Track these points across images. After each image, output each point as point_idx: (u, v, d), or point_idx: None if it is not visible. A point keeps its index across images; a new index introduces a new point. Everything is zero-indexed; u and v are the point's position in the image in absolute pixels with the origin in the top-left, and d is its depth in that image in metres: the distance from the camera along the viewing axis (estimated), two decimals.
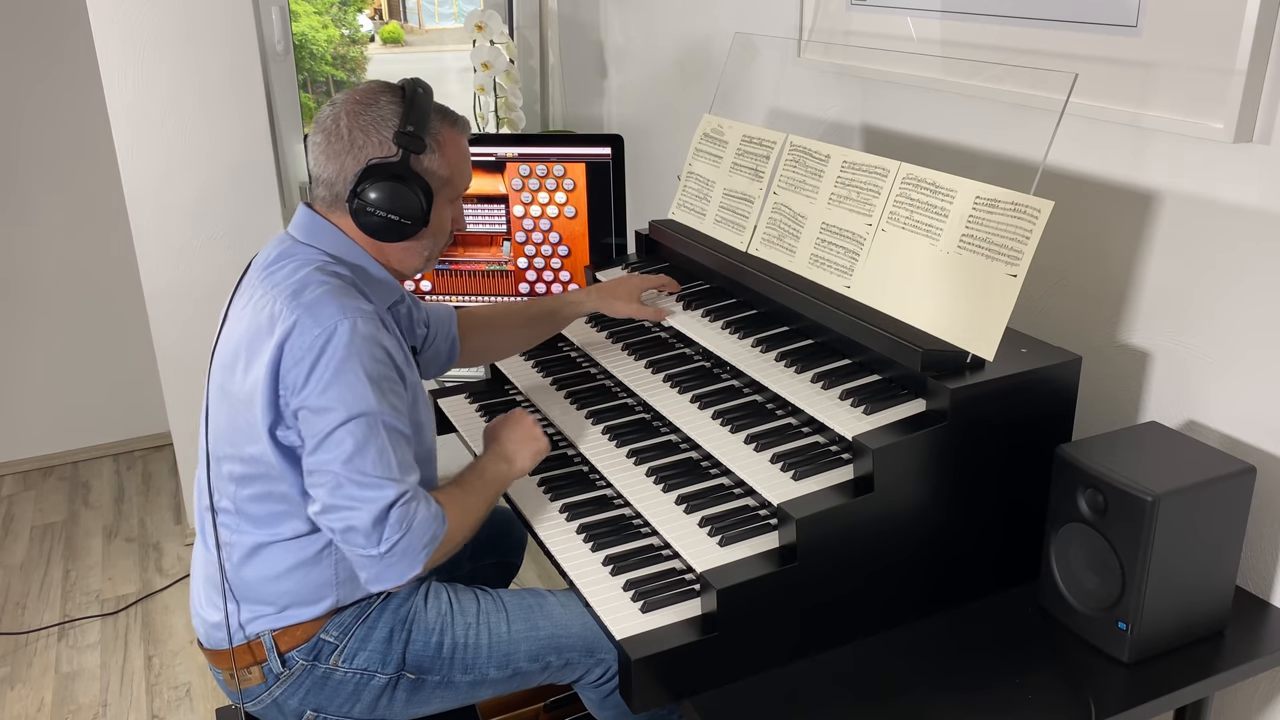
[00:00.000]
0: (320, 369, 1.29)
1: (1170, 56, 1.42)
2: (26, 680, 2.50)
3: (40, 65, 3.17)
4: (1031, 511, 1.44)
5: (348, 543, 1.32)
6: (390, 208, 1.38)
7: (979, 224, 1.39)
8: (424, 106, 1.40)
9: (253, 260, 1.47)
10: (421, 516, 1.32)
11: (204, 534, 1.48)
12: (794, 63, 2.24)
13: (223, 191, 2.78)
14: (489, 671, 1.48)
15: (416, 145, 1.39)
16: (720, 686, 1.30)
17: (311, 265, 1.37)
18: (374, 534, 1.30)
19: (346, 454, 1.29)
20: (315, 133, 1.41)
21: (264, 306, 1.35)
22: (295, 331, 1.30)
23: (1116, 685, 1.29)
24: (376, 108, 1.39)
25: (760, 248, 1.76)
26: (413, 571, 1.33)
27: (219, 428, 1.41)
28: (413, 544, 1.32)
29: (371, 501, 1.29)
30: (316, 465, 1.31)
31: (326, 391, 1.29)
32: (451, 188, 1.46)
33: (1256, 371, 1.40)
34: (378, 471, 1.30)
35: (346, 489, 1.30)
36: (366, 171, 1.38)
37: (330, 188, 1.41)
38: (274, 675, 1.43)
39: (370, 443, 1.30)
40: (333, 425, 1.29)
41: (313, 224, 1.44)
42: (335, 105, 1.41)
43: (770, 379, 1.52)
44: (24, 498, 3.35)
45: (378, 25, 3.36)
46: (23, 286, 3.35)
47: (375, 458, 1.30)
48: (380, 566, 1.32)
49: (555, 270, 2.43)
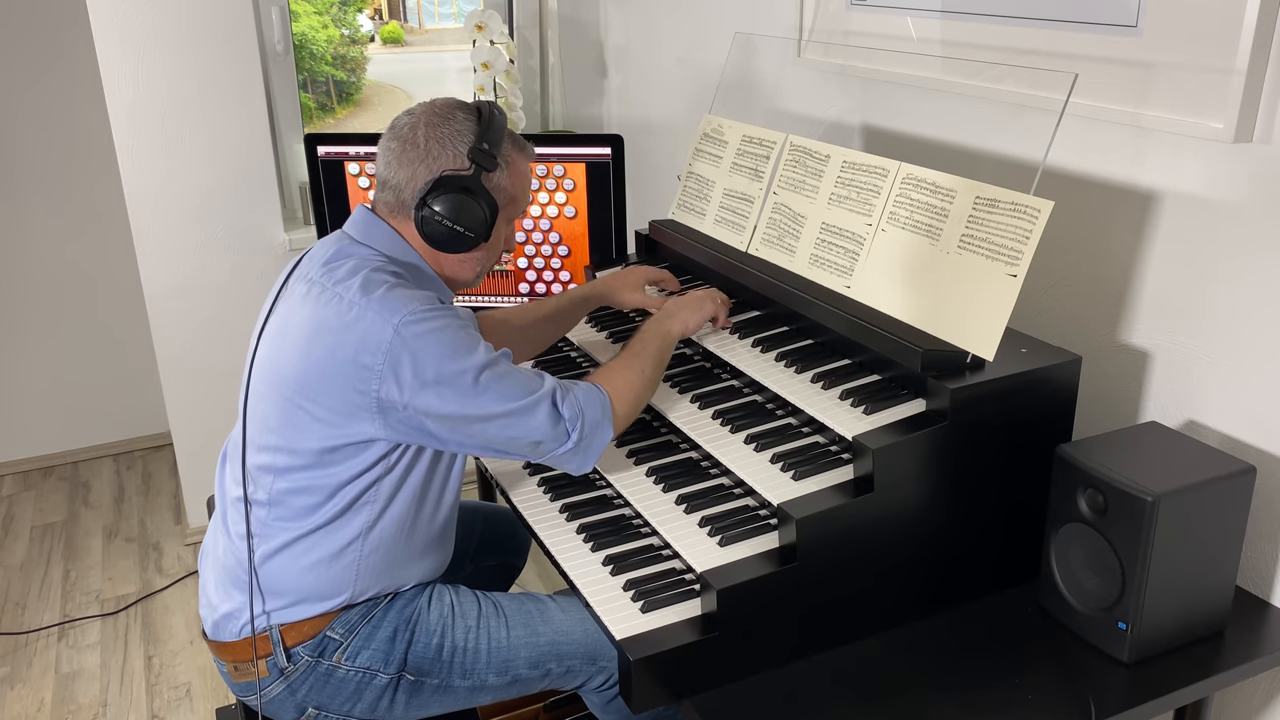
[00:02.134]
0: (423, 360, 1.33)
1: (1170, 56, 1.42)
2: (26, 680, 2.50)
3: (40, 65, 3.17)
4: (1031, 511, 1.44)
5: (543, 454, 1.42)
6: (456, 218, 1.42)
7: (979, 224, 1.39)
8: (499, 127, 1.46)
9: (303, 255, 1.48)
10: (583, 397, 1.43)
11: (226, 522, 1.48)
12: (794, 63, 2.24)
13: (223, 192, 2.79)
14: (488, 678, 1.48)
15: (489, 162, 1.43)
16: (720, 686, 1.30)
17: (371, 265, 1.40)
18: (559, 434, 1.41)
19: (495, 399, 1.36)
20: (390, 139, 1.45)
21: (328, 302, 1.37)
22: (374, 328, 1.33)
23: (1116, 685, 1.29)
24: (454, 122, 1.44)
25: (760, 248, 1.76)
26: (609, 435, 1.46)
27: (263, 418, 1.42)
28: (593, 418, 1.43)
29: (536, 414, 1.38)
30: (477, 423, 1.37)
31: (442, 370, 1.33)
32: (514, 207, 1.51)
33: (1256, 371, 1.40)
34: (524, 395, 1.38)
35: (516, 424, 1.38)
36: (439, 182, 1.42)
37: (398, 193, 1.44)
38: (278, 670, 1.44)
39: (505, 378, 1.37)
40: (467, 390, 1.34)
41: (371, 225, 1.46)
42: (413, 115, 1.45)
43: (770, 379, 1.52)
44: (24, 498, 3.35)
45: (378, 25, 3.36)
46: (23, 287, 3.35)
47: (513, 388, 1.37)
48: (582, 453, 1.44)
49: (555, 270, 2.43)
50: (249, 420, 1.44)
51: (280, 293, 1.46)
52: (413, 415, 1.35)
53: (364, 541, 1.42)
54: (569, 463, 1.45)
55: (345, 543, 1.41)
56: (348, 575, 1.43)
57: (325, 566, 1.42)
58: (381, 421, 1.36)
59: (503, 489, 1.68)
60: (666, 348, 1.59)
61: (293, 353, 1.37)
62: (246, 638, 1.44)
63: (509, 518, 1.85)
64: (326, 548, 1.41)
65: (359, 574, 1.43)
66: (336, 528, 1.41)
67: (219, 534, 1.51)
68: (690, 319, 1.63)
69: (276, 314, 1.44)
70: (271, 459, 1.41)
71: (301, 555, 1.41)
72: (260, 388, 1.42)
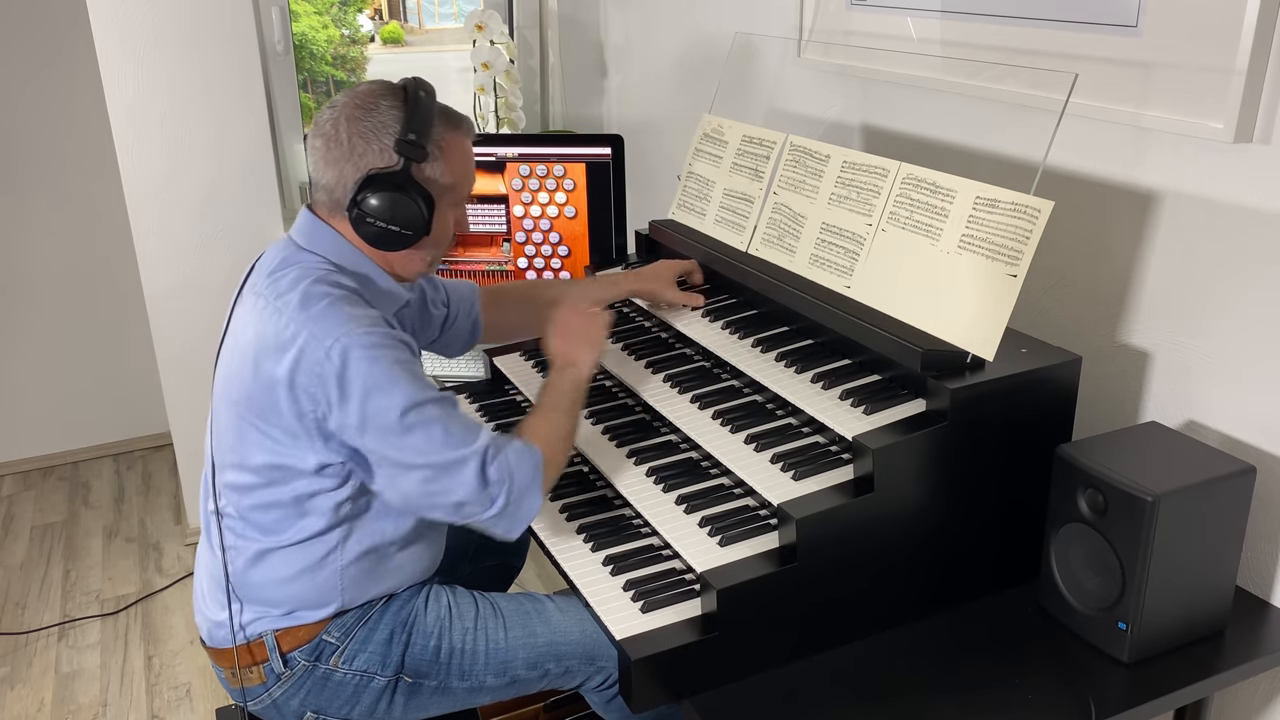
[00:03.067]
0: (352, 384, 1.28)
1: (1170, 56, 1.42)
2: (26, 680, 2.50)
3: (40, 65, 3.17)
4: (1031, 511, 1.44)
5: (465, 517, 1.34)
6: (390, 218, 1.36)
7: (979, 224, 1.39)
8: (426, 111, 1.37)
9: (255, 264, 1.45)
10: (514, 459, 1.35)
11: (209, 535, 1.48)
12: (794, 63, 2.24)
13: (223, 191, 2.78)
14: (486, 679, 1.47)
15: (418, 154, 1.36)
16: (720, 686, 1.30)
17: (313, 276, 1.35)
18: (484, 498, 1.33)
19: (417, 447, 1.30)
20: (314, 137, 1.38)
21: (270, 316, 1.33)
22: (309, 347, 1.29)
23: (1116, 685, 1.29)
24: (377, 113, 1.36)
25: (760, 248, 1.76)
26: (538, 504, 1.37)
27: (222, 436, 1.41)
28: (521, 484, 1.35)
29: (462, 473, 1.31)
30: (394, 466, 1.32)
31: (368, 402, 1.29)
32: (454, 194, 1.44)
33: (1256, 371, 1.40)
34: (455, 449, 1.31)
35: (437, 479, 1.31)
36: (366, 181, 1.35)
37: (330, 194, 1.39)
38: (275, 675, 1.43)
39: (433, 424, 1.31)
40: (390, 429, 1.29)
41: (315, 229, 1.42)
42: (335, 109, 1.38)
43: (770, 379, 1.52)
44: (24, 498, 3.35)
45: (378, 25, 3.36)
46: (23, 286, 3.35)
47: (443, 440, 1.31)
48: (508, 519, 1.35)
49: (555, 270, 2.43)
50: (214, 437, 1.42)
51: (235, 304, 1.43)
52: (343, 444, 1.32)
53: (342, 552, 1.41)
54: (494, 528, 1.36)
55: (323, 554, 1.40)
56: (332, 584, 1.42)
57: (309, 577, 1.41)
58: (323, 444, 1.33)
59: None
60: (580, 394, 1.52)
61: (239, 371, 1.35)
62: (239, 645, 1.43)
63: None
64: (305, 560, 1.40)
65: (344, 583, 1.42)
66: (312, 542, 1.39)
67: (205, 545, 1.51)
68: (591, 355, 1.55)
69: (232, 328, 1.41)
70: (235, 476, 1.40)
71: (280, 567, 1.40)
72: (219, 407, 1.41)
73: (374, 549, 1.43)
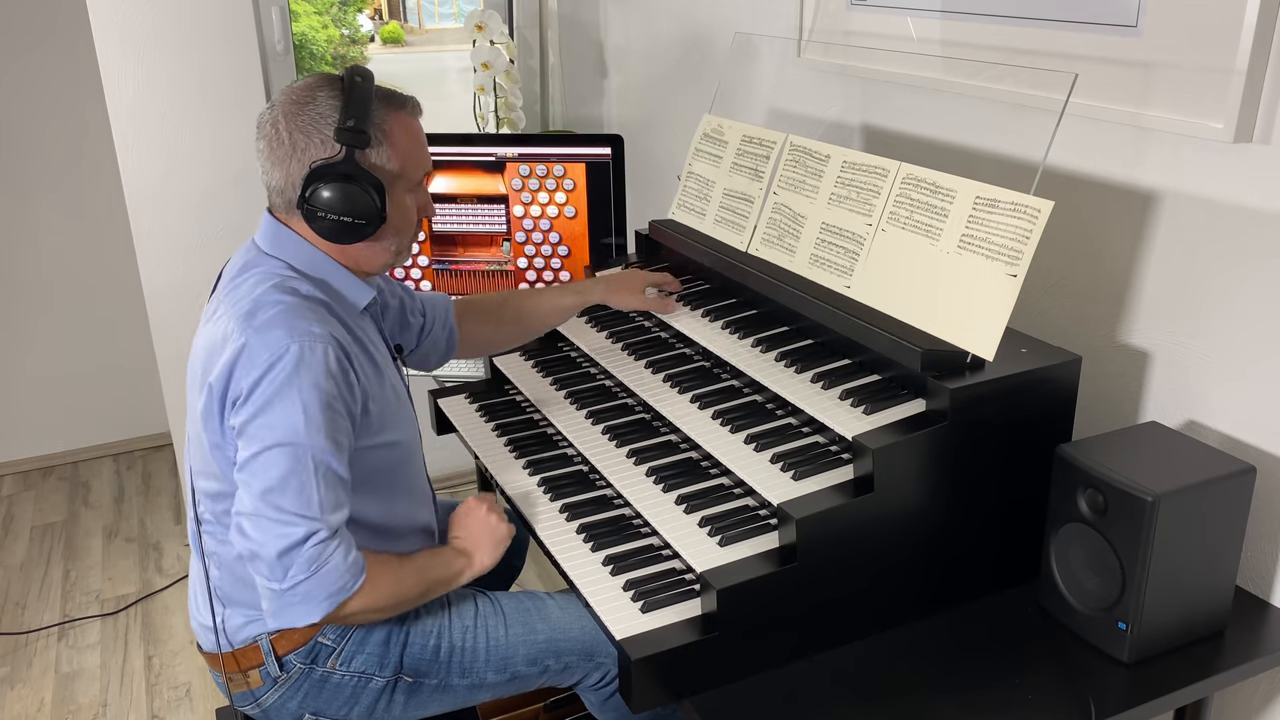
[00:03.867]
0: (260, 391, 1.26)
1: (1170, 56, 1.42)
2: (26, 680, 2.50)
3: (40, 65, 3.17)
4: (1031, 511, 1.43)
5: (254, 570, 1.28)
6: (342, 209, 1.32)
7: (979, 224, 1.39)
8: (363, 96, 1.33)
9: (223, 269, 1.44)
10: (335, 563, 1.26)
11: (194, 541, 1.48)
12: (794, 63, 2.24)
13: (223, 191, 2.78)
14: (486, 675, 1.48)
15: (359, 140, 1.32)
16: (720, 686, 1.30)
17: (270, 282, 1.32)
18: (278, 568, 1.25)
19: (266, 484, 1.25)
20: (258, 139, 1.36)
21: (219, 324, 1.32)
22: (244, 354, 1.27)
23: (1116, 685, 1.29)
24: (314, 105, 1.33)
25: (760, 248, 1.76)
26: (310, 619, 1.27)
27: (191, 444, 1.41)
28: (316, 589, 1.26)
29: (281, 537, 1.24)
30: (239, 485, 1.29)
31: (259, 415, 1.26)
32: (406, 179, 1.40)
33: (1256, 371, 1.40)
34: (294, 507, 1.25)
35: (260, 519, 1.25)
36: (311, 175, 1.32)
37: (282, 195, 1.37)
38: (272, 679, 1.43)
39: (293, 476, 1.25)
40: (258, 449, 1.26)
41: (275, 232, 1.39)
42: (273, 108, 1.35)
43: (770, 379, 1.52)
44: (24, 498, 3.35)
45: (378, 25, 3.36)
46: (23, 286, 3.35)
47: (295, 493, 1.25)
48: (280, 602, 1.27)
49: (555, 270, 2.43)
50: (189, 443, 1.42)
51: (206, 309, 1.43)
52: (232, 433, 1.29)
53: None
54: (264, 600, 1.29)
55: None
56: None
57: None
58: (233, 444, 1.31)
59: (502, 488, 1.68)
60: (449, 584, 1.44)
61: (194, 378, 1.35)
62: (235, 649, 1.43)
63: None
64: None
65: None
66: None
67: (194, 551, 1.51)
68: (490, 558, 1.47)
69: (197, 335, 1.40)
70: (205, 483, 1.40)
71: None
72: (189, 414, 1.40)
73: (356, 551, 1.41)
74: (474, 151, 2.34)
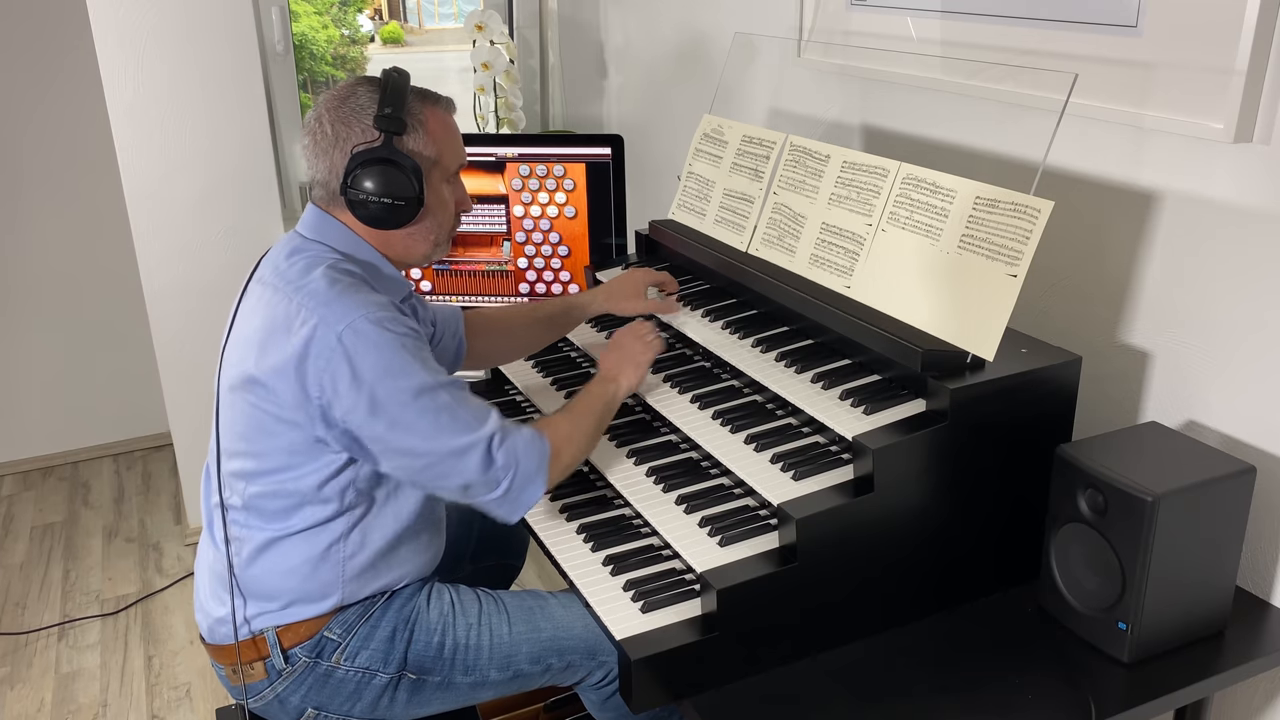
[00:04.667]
0: (363, 368, 1.30)
1: (1170, 56, 1.42)
2: (26, 680, 2.50)
3: (40, 65, 3.17)
4: (1031, 511, 1.44)
5: (469, 497, 1.38)
6: (382, 192, 1.38)
7: (979, 224, 1.39)
8: (399, 88, 1.40)
9: (262, 258, 1.47)
10: (521, 446, 1.38)
11: (211, 529, 1.48)
12: (794, 63, 2.24)
13: (223, 191, 2.78)
14: (490, 673, 1.48)
15: (396, 126, 1.39)
16: (720, 686, 1.30)
17: (324, 264, 1.38)
18: (489, 481, 1.36)
19: (425, 432, 1.32)
20: (303, 136, 1.43)
21: (279, 303, 1.35)
22: (319, 333, 1.31)
23: (1116, 685, 1.29)
24: (354, 99, 1.40)
25: (760, 248, 1.76)
26: (541, 492, 1.40)
27: (230, 424, 1.41)
28: (527, 471, 1.38)
29: (469, 458, 1.34)
30: (402, 453, 1.34)
31: (379, 386, 1.31)
32: (442, 166, 1.45)
33: (1256, 371, 1.40)
34: (458, 430, 1.34)
35: (444, 463, 1.34)
36: (353, 160, 1.38)
37: (326, 186, 1.42)
38: (276, 671, 1.43)
39: (441, 411, 1.33)
40: (400, 413, 1.32)
41: (319, 221, 1.45)
42: (317, 106, 1.43)
43: (770, 379, 1.52)
44: (24, 498, 3.35)
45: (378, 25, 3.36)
46: (23, 286, 3.35)
47: (450, 420, 1.33)
48: (510, 504, 1.39)
49: (555, 270, 2.43)
50: (220, 427, 1.43)
51: (241, 298, 1.45)
52: (348, 430, 1.33)
53: (345, 543, 1.41)
54: (495, 511, 1.40)
55: (326, 545, 1.41)
56: (334, 577, 1.42)
57: (310, 569, 1.41)
58: (325, 431, 1.34)
59: None
60: (611, 409, 1.55)
61: (249, 358, 1.36)
62: (241, 641, 1.43)
63: None
64: (307, 551, 1.40)
65: (345, 575, 1.42)
66: (315, 531, 1.40)
67: (207, 540, 1.51)
68: (634, 377, 1.59)
69: (238, 319, 1.43)
70: (242, 464, 1.40)
71: (282, 559, 1.41)
72: (226, 394, 1.41)
73: (377, 542, 1.43)
74: (474, 151, 2.34)
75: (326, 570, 1.42)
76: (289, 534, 1.40)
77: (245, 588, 1.44)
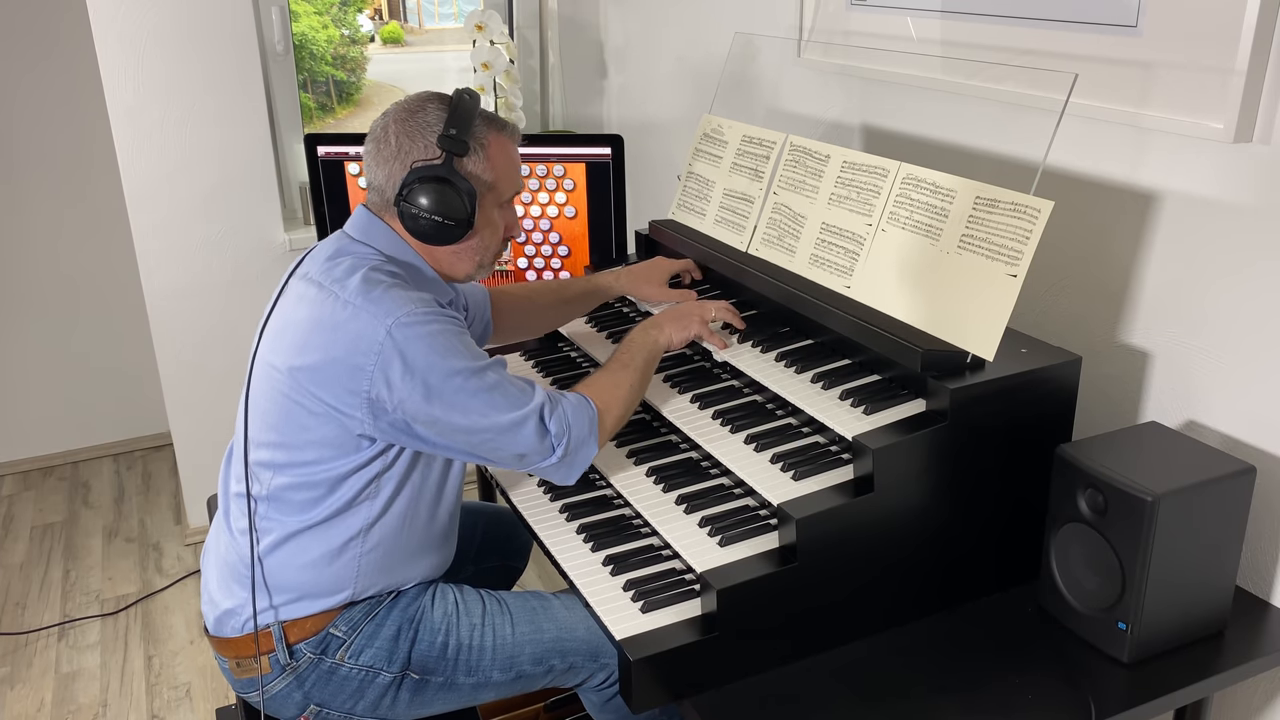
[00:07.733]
0: (414, 358, 1.33)
1: (1170, 56, 1.42)
2: (26, 680, 2.50)
3: (40, 66, 3.17)
4: (1031, 511, 1.44)
5: (527, 465, 1.43)
6: (434, 209, 1.41)
7: (979, 224, 1.39)
8: (467, 111, 1.44)
9: (305, 254, 1.49)
10: (571, 413, 1.43)
11: (228, 519, 1.49)
12: (794, 63, 2.24)
13: (223, 192, 2.79)
14: (492, 674, 1.48)
15: (459, 148, 1.42)
16: (720, 686, 1.30)
17: (369, 264, 1.41)
18: (545, 449, 1.41)
19: (480, 410, 1.36)
20: (368, 141, 1.46)
21: (324, 301, 1.37)
22: (368, 328, 1.33)
23: (1116, 685, 1.29)
24: (423, 114, 1.44)
25: (760, 248, 1.76)
26: (594, 452, 1.46)
27: (263, 415, 1.42)
28: (580, 435, 1.43)
29: (523, 430, 1.39)
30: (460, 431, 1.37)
31: (430, 374, 1.34)
32: (496, 192, 1.48)
33: (1256, 371, 1.40)
34: (508, 408, 1.38)
35: (500, 437, 1.39)
36: (411, 174, 1.41)
37: (381, 193, 1.46)
38: (281, 666, 1.44)
39: (493, 390, 1.37)
40: (454, 396, 1.35)
41: (368, 224, 1.47)
42: (385, 115, 1.46)
43: (770, 379, 1.52)
44: (24, 498, 3.35)
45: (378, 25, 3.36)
46: (23, 287, 3.35)
47: (502, 398, 1.38)
48: (566, 467, 1.45)
49: (555, 271, 2.43)
50: (250, 416, 1.44)
51: (282, 291, 1.47)
52: (400, 418, 1.35)
53: (364, 538, 1.43)
54: (553, 475, 1.46)
55: (345, 539, 1.42)
56: (348, 572, 1.43)
57: (326, 563, 1.42)
58: (372, 422, 1.36)
59: (503, 489, 1.68)
60: (653, 359, 1.58)
61: (291, 350, 1.38)
62: (249, 634, 1.44)
63: (510, 519, 1.85)
64: (326, 544, 1.42)
65: (360, 571, 1.44)
66: (335, 524, 1.41)
67: (221, 531, 1.52)
68: (676, 334, 1.60)
69: (277, 312, 1.44)
70: (271, 455, 1.42)
71: (301, 551, 1.42)
72: (261, 384, 1.43)
73: (393, 540, 1.45)
74: None
75: (341, 564, 1.42)
76: (310, 526, 1.41)
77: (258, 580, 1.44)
